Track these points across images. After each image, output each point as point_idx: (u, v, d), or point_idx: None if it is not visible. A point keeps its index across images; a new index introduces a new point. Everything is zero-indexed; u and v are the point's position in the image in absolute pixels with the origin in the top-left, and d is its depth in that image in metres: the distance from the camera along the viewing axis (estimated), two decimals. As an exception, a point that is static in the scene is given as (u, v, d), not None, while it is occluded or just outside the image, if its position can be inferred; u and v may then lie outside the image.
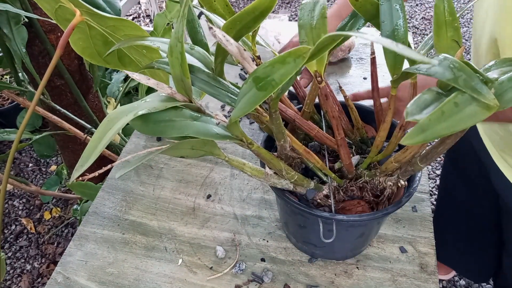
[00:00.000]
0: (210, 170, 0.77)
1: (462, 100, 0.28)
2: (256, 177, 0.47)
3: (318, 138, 0.52)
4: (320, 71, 0.43)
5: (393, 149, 0.50)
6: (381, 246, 0.63)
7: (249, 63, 0.35)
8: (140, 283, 0.61)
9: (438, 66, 0.29)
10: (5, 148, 1.91)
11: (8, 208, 1.67)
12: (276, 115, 0.41)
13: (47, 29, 0.98)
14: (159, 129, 0.35)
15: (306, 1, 0.44)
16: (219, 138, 0.37)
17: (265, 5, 0.34)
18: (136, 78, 0.36)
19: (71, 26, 0.45)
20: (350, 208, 0.52)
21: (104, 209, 0.71)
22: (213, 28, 0.31)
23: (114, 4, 0.65)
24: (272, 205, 0.70)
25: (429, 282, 0.59)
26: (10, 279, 1.44)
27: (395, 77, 0.42)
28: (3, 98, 1.90)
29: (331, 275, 0.60)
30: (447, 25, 0.37)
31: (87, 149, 0.34)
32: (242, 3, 2.89)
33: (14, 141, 0.52)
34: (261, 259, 0.63)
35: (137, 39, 0.44)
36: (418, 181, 0.51)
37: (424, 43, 0.45)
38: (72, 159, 1.32)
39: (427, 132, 0.27)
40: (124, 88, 1.24)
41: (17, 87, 0.98)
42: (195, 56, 0.42)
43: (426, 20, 2.56)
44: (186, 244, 0.65)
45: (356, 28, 0.47)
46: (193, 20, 0.47)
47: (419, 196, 0.69)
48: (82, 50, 0.52)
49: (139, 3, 2.68)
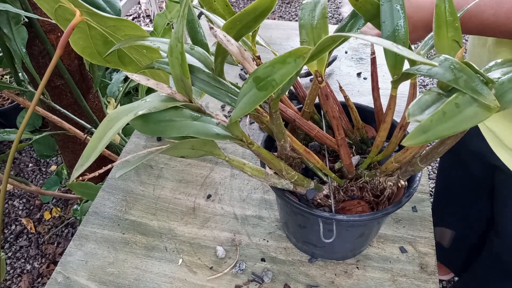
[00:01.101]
0: (210, 170, 0.77)
1: (463, 101, 0.28)
2: (256, 177, 0.47)
3: (318, 138, 0.52)
4: (321, 71, 0.43)
5: (393, 149, 0.50)
6: (381, 246, 0.63)
7: (249, 63, 0.35)
8: (140, 283, 0.61)
9: (438, 67, 0.29)
10: (5, 148, 1.91)
11: (8, 208, 1.67)
12: (277, 115, 0.41)
13: (47, 29, 0.98)
14: (159, 129, 0.35)
15: (306, 1, 0.44)
16: (219, 138, 0.37)
17: (265, 5, 0.34)
18: (135, 79, 0.36)
19: (71, 26, 0.45)
20: (350, 208, 0.52)
21: (104, 209, 0.71)
22: (214, 28, 0.31)
23: (114, 4, 0.65)
24: (272, 205, 0.70)
25: (429, 282, 0.59)
26: (10, 279, 1.44)
27: (396, 77, 0.42)
28: (3, 98, 1.90)
29: (331, 275, 0.60)
30: (447, 25, 0.37)
31: (87, 149, 0.34)
32: (242, 3, 2.89)
33: (14, 141, 0.52)
34: (261, 259, 0.63)
35: (137, 39, 0.44)
36: (418, 181, 0.51)
37: (424, 43, 0.45)
38: (72, 159, 1.32)
39: (428, 133, 0.27)
40: (124, 88, 1.24)
41: (17, 87, 0.98)
42: (195, 56, 0.42)
43: (426, 20, 2.55)
44: (186, 244, 0.65)
45: (356, 29, 0.47)
46: (193, 20, 0.47)
47: (419, 196, 0.69)
48: (82, 50, 0.52)
49: (139, 3, 2.68)
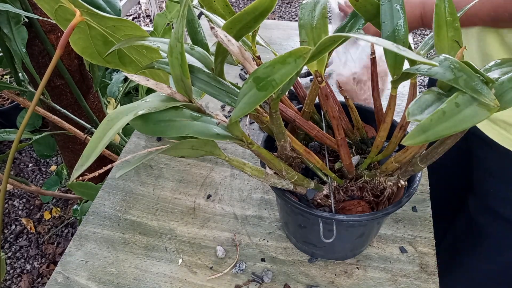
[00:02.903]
0: (210, 170, 0.77)
1: (463, 101, 0.28)
2: (256, 177, 0.47)
3: (318, 138, 0.52)
4: (321, 71, 0.43)
5: (393, 149, 0.50)
6: (381, 246, 0.63)
7: (250, 63, 0.35)
8: (140, 283, 0.61)
9: (438, 66, 0.29)
10: (5, 148, 1.91)
11: (8, 208, 1.67)
12: (277, 115, 0.41)
13: (47, 29, 0.98)
14: (159, 129, 0.35)
15: (306, 1, 0.44)
16: (219, 138, 0.37)
17: (265, 5, 0.34)
18: (135, 79, 0.36)
19: (71, 26, 0.45)
20: (350, 208, 0.52)
21: (104, 209, 0.71)
22: (215, 28, 0.31)
23: (114, 4, 0.65)
24: (272, 205, 0.70)
25: (429, 282, 0.59)
26: (10, 279, 1.44)
27: (396, 77, 0.42)
28: (3, 98, 1.90)
29: (331, 275, 0.60)
30: (447, 25, 0.37)
31: (87, 149, 0.34)
32: (242, 3, 2.89)
33: (14, 141, 0.52)
34: (261, 259, 0.63)
35: (137, 39, 0.44)
36: (418, 181, 0.51)
37: (424, 43, 0.45)
38: (72, 159, 1.32)
39: (428, 133, 0.27)
40: (124, 88, 1.24)
41: (17, 87, 0.98)
42: (195, 56, 0.42)
43: (426, 20, 2.55)
44: (186, 244, 0.65)
45: (356, 29, 0.47)
46: (193, 20, 0.47)
47: (419, 196, 0.69)
48: (82, 50, 0.52)
49: (139, 3, 2.68)
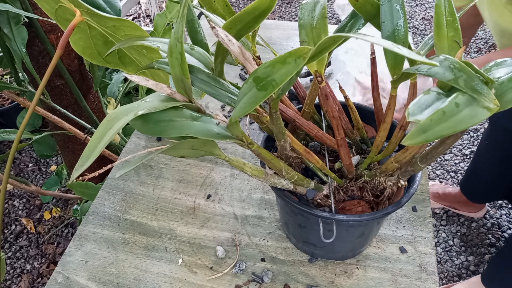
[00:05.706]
0: (210, 170, 0.77)
1: (462, 101, 0.28)
2: (256, 177, 0.47)
3: (318, 138, 0.52)
4: (321, 71, 0.43)
5: (393, 149, 0.50)
6: (381, 246, 0.63)
7: (250, 63, 0.35)
8: (140, 283, 0.61)
9: (438, 66, 0.29)
10: (5, 148, 1.91)
11: (8, 208, 1.67)
12: (277, 116, 0.41)
13: (47, 29, 0.98)
14: (159, 129, 0.35)
15: (306, 1, 0.44)
16: (219, 138, 0.37)
17: (265, 5, 0.34)
18: (135, 80, 0.36)
19: (71, 26, 0.45)
20: (350, 208, 0.52)
21: (104, 209, 0.71)
22: (215, 27, 0.31)
23: (114, 4, 0.65)
24: (272, 205, 0.70)
25: (429, 282, 0.59)
26: (10, 279, 1.44)
27: (395, 77, 0.42)
28: (3, 98, 1.90)
29: (331, 275, 0.60)
30: (447, 25, 0.37)
31: (87, 149, 0.34)
32: (242, 3, 2.89)
33: (14, 141, 0.52)
34: (261, 259, 0.63)
35: (137, 39, 0.44)
36: (418, 181, 0.51)
37: (424, 43, 0.45)
38: (72, 159, 1.32)
39: (428, 133, 0.27)
40: (124, 88, 1.24)
41: (17, 87, 0.98)
42: (195, 56, 0.42)
43: (426, 20, 2.55)
44: (186, 244, 0.65)
45: (356, 29, 0.47)
46: (193, 20, 0.47)
47: (419, 196, 0.69)
48: (82, 50, 0.52)
49: (139, 3, 2.68)
